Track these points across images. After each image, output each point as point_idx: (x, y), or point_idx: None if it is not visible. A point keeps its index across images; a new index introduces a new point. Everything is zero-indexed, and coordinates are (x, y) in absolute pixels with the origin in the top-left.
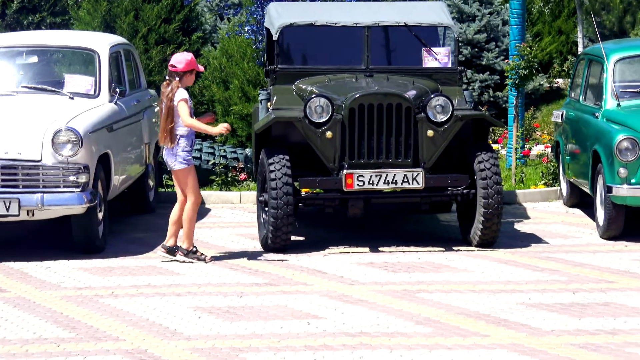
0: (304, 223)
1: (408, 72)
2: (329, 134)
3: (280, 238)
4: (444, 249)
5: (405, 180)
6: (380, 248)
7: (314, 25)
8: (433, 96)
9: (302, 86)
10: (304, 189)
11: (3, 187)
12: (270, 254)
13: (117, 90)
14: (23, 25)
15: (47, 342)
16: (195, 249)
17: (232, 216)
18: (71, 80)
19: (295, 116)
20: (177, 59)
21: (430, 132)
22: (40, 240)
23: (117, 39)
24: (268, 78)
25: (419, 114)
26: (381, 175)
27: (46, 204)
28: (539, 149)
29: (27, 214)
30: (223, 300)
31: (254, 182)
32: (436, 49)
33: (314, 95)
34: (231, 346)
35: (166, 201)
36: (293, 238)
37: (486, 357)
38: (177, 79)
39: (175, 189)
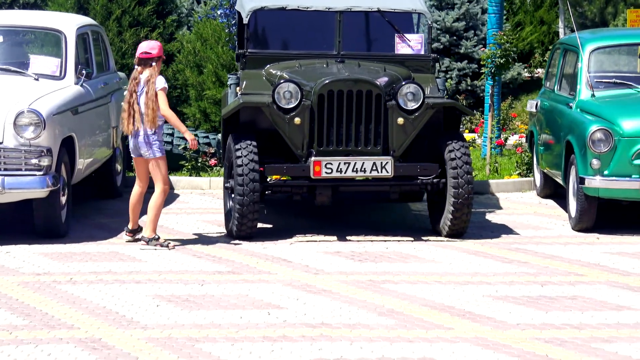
0: (273, 210)
1: (380, 59)
2: (298, 120)
3: (246, 225)
4: (413, 239)
5: (374, 168)
6: (348, 237)
7: (285, 9)
8: (404, 83)
9: (272, 71)
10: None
11: None
12: (236, 242)
13: (84, 72)
14: None
15: None
16: (157, 237)
17: (201, 202)
18: (36, 61)
19: (263, 101)
20: (150, 45)
21: (400, 120)
22: (1, 224)
23: (85, 20)
24: (238, 62)
25: (390, 101)
26: (350, 162)
27: (7, 188)
28: (515, 139)
29: None
30: (184, 288)
31: None
32: (409, 36)
33: (283, 80)
34: (188, 336)
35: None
36: (260, 225)
37: (448, 351)
38: (154, 65)
39: (135, 174)
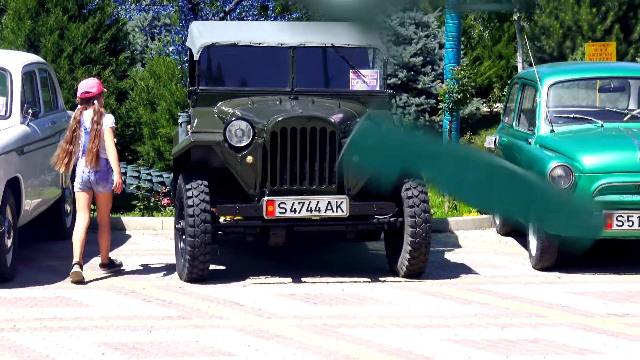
0: (226, 251)
1: (335, 95)
2: (250, 159)
3: (197, 268)
4: (370, 280)
5: (329, 207)
6: (303, 278)
7: (237, 45)
8: (359, 120)
9: (224, 108)
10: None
11: None
12: (187, 285)
13: (30, 111)
14: None
15: None
16: (110, 261)
17: (153, 243)
18: None
19: (214, 140)
20: (89, 84)
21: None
22: None
23: (32, 58)
24: (190, 100)
25: (345, 139)
26: (304, 202)
27: None
28: None
29: None
30: (131, 335)
31: None
32: (364, 72)
33: (235, 118)
34: None
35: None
36: (213, 267)
37: None
38: (96, 103)
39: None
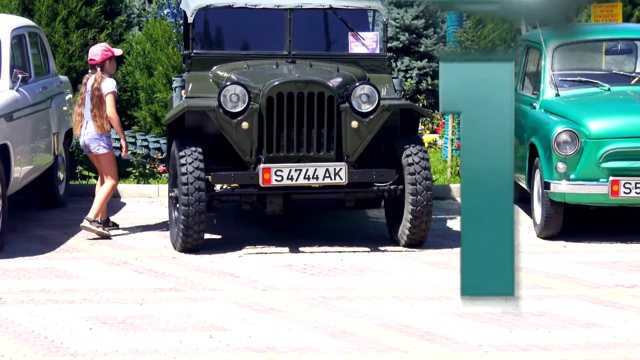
0: (223, 219)
1: (334, 59)
2: (245, 125)
3: (191, 237)
4: (370, 249)
5: (327, 175)
6: (301, 248)
7: (232, 7)
8: (358, 84)
9: (219, 73)
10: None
11: None
12: (180, 255)
13: (20, 76)
14: None
15: None
16: (99, 221)
17: (147, 212)
18: None
19: (208, 105)
20: (93, 52)
21: (354, 124)
22: None
23: (22, 21)
24: (184, 64)
25: (343, 104)
26: (301, 169)
27: None
28: None
29: None
30: (121, 308)
31: None
32: (364, 34)
33: (230, 82)
34: None
35: (78, 194)
36: (208, 236)
37: None
38: (99, 70)
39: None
